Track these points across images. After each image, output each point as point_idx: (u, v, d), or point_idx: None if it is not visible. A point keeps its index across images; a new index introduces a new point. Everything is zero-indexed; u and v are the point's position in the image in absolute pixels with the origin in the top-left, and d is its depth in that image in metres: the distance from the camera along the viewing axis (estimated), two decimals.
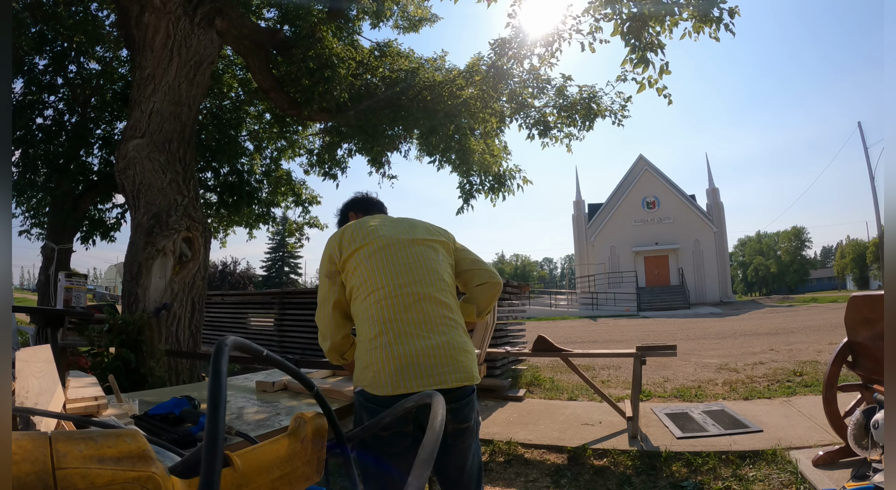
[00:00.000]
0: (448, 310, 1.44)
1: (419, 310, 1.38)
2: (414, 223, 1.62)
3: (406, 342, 1.32)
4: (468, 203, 6.34)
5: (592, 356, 4.76)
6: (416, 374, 1.30)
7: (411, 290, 1.41)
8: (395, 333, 1.33)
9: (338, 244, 1.50)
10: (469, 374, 1.38)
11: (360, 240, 1.48)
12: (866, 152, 24.15)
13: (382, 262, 1.44)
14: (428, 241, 1.55)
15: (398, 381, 1.28)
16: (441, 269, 1.51)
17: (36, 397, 0.91)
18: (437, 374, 1.31)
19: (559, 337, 8.21)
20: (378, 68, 6.23)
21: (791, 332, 10.52)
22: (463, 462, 1.42)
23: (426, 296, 1.42)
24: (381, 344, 1.33)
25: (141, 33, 4.23)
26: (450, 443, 1.37)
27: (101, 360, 3.35)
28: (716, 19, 3.95)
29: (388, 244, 1.48)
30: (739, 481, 2.76)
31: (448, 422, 1.33)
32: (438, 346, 1.35)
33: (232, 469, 0.44)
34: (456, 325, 1.44)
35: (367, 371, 1.33)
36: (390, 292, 1.39)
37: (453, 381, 1.33)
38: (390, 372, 1.29)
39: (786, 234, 58.43)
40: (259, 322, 7.80)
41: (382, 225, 1.56)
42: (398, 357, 1.30)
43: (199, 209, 4.20)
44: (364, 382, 1.33)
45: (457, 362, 1.36)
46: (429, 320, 1.38)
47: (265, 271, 42.20)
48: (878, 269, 41.93)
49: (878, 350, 2.67)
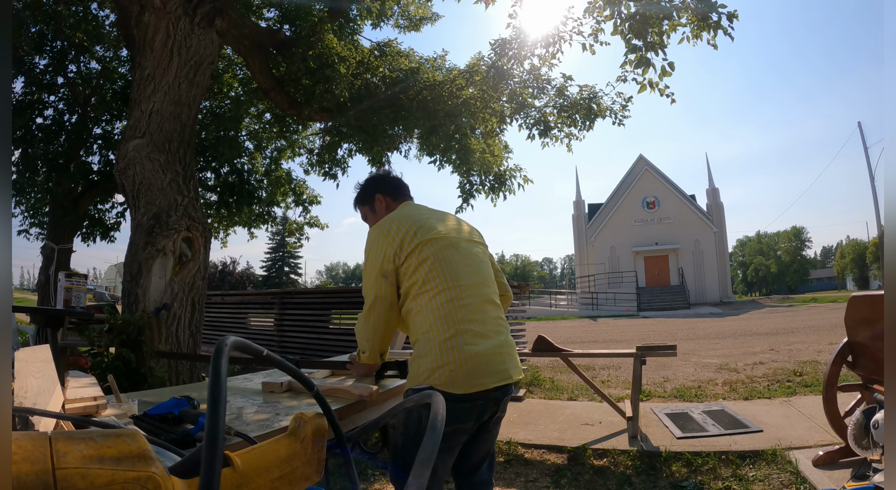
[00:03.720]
0: (500, 311, 1.57)
1: (484, 311, 1.47)
2: (459, 221, 1.65)
3: (479, 342, 1.40)
4: (468, 202, 6.34)
5: (592, 356, 4.76)
6: (489, 370, 1.38)
7: (477, 291, 1.48)
8: (470, 334, 1.39)
9: (399, 239, 1.46)
10: (520, 368, 1.54)
11: (423, 234, 1.47)
12: (866, 152, 24.17)
13: (450, 260, 1.46)
14: (479, 243, 1.63)
15: (474, 378, 1.36)
16: (491, 273, 1.61)
17: (35, 397, 0.91)
18: (503, 370, 1.42)
19: (559, 337, 8.21)
20: (378, 68, 6.22)
21: (791, 332, 10.52)
22: (490, 445, 1.58)
23: (487, 298, 1.51)
24: (457, 344, 1.37)
25: (141, 33, 4.23)
26: (489, 429, 1.51)
27: (100, 360, 3.34)
28: (714, 24, 3.92)
29: (452, 243, 1.50)
30: (739, 481, 2.76)
31: (498, 411, 1.48)
32: (501, 344, 1.46)
33: (232, 469, 0.44)
34: (506, 325, 1.58)
35: (442, 370, 1.36)
36: (461, 293, 1.43)
37: (516, 375, 1.47)
38: (467, 371, 1.35)
39: (786, 234, 58.43)
40: (259, 322, 7.80)
41: (437, 220, 1.56)
42: (473, 356, 1.37)
43: (199, 209, 4.19)
44: (437, 381, 1.35)
45: (514, 358, 1.50)
46: (491, 321, 1.48)
47: (265, 271, 42.22)
48: (878, 269, 41.92)
49: (878, 350, 2.67)
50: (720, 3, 3.86)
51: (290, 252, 41.65)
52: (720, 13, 3.88)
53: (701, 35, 4.06)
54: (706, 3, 3.87)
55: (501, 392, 1.43)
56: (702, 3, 3.90)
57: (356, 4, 5.67)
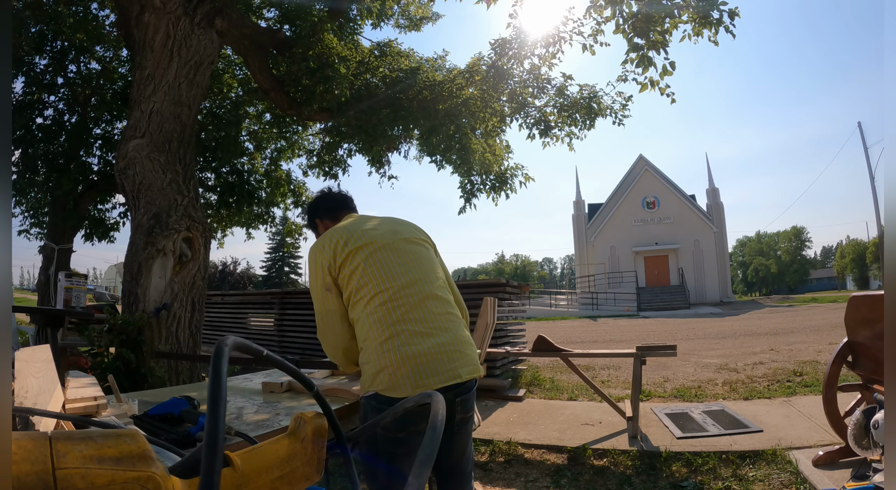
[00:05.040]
0: (449, 306, 1.49)
1: (424, 308, 1.40)
2: (399, 222, 1.62)
3: (418, 342, 1.34)
4: (470, 202, 6.34)
5: (592, 356, 4.76)
6: (432, 371, 1.32)
7: (414, 289, 1.42)
8: (407, 334, 1.34)
9: (331, 251, 1.44)
10: (476, 366, 1.44)
11: (354, 242, 1.45)
12: (866, 152, 24.17)
13: (382, 263, 1.43)
14: (419, 239, 1.57)
15: (416, 380, 1.30)
16: (436, 267, 1.54)
17: (35, 397, 0.91)
18: (450, 369, 1.35)
19: (559, 337, 8.21)
20: (378, 68, 6.23)
21: (791, 332, 10.52)
22: (464, 447, 1.49)
23: (429, 294, 1.44)
24: (393, 346, 1.32)
25: (141, 33, 4.23)
26: (455, 431, 1.43)
27: (101, 360, 3.34)
28: (716, 22, 3.93)
29: (384, 245, 1.46)
30: (739, 481, 2.76)
31: (457, 412, 1.40)
32: (447, 342, 1.38)
33: (232, 469, 0.44)
34: (458, 320, 1.49)
35: (382, 374, 1.32)
36: (395, 294, 1.39)
37: (466, 375, 1.38)
38: (407, 372, 1.30)
39: (786, 234, 58.41)
40: (259, 322, 7.80)
41: (371, 226, 1.53)
42: (412, 357, 1.31)
43: (199, 209, 4.19)
44: (380, 386, 1.32)
45: (465, 356, 1.41)
46: (434, 318, 1.41)
47: (265, 271, 42.21)
48: (878, 269, 41.93)
49: (878, 350, 2.67)
50: (721, 1, 3.86)
51: (290, 252, 41.66)
52: (721, 10, 3.88)
53: (702, 32, 4.06)
54: (707, 1, 3.87)
55: (453, 393, 1.34)
56: (703, 1, 3.90)
57: (356, 4, 5.66)
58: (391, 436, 1.30)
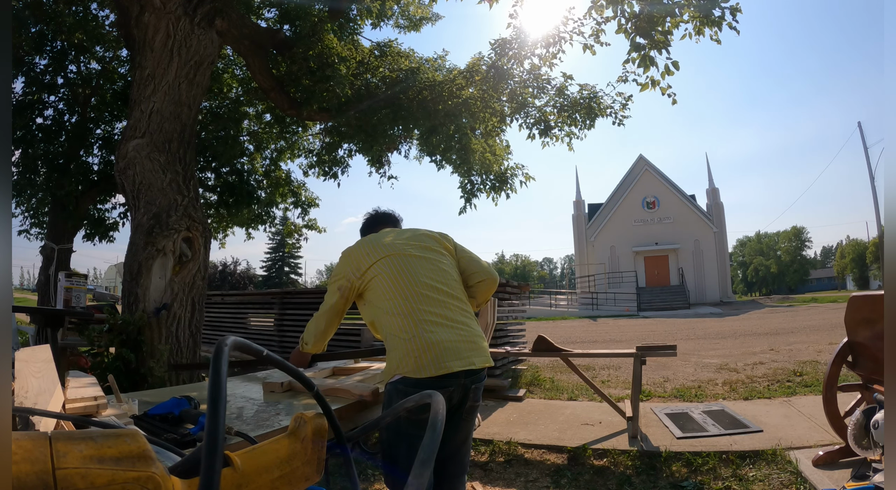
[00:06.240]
0: (463, 303, 1.68)
1: (441, 304, 1.60)
2: (417, 232, 1.82)
3: (439, 331, 1.52)
4: (470, 202, 6.33)
5: (592, 356, 4.76)
6: (453, 356, 1.49)
7: (434, 288, 1.62)
8: (429, 324, 1.53)
9: (355, 261, 1.69)
10: (488, 357, 1.63)
11: (376, 254, 1.68)
12: (866, 152, 24.17)
13: (401, 268, 1.64)
14: (434, 248, 1.78)
15: (440, 363, 1.47)
16: (451, 270, 1.74)
17: (35, 397, 0.91)
18: (466, 357, 1.53)
19: (559, 337, 8.21)
20: (378, 68, 6.22)
21: (791, 332, 10.52)
22: (466, 435, 1.64)
23: (444, 293, 1.63)
24: (418, 333, 1.51)
25: (141, 33, 4.23)
26: (463, 418, 1.59)
27: (101, 360, 3.34)
28: (717, 20, 3.92)
29: (401, 253, 1.68)
30: (739, 481, 2.76)
31: (469, 398, 1.57)
32: (464, 333, 1.58)
33: (232, 469, 0.44)
34: (472, 316, 1.69)
35: (408, 358, 1.48)
36: (419, 290, 1.59)
37: (479, 363, 1.56)
38: (431, 357, 1.47)
39: (786, 234, 58.41)
40: (259, 322, 7.79)
41: (389, 239, 1.76)
42: (435, 344, 1.49)
43: (199, 209, 4.19)
44: (406, 369, 1.48)
45: (478, 347, 1.60)
46: (450, 313, 1.60)
47: (265, 271, 42.23)
48: (878, 269, 41.92)
49: (878, 350, 2.67)
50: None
51: (290, 252, 41.65)
52: (723, 8, 3.87)
53: (703, 31, 4.05)
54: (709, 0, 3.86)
55: (469, 380, 1.53)
56: (704, 0, 3.89)
57: (356, 4, 5.66)
58: (415, 418, 1.37)
